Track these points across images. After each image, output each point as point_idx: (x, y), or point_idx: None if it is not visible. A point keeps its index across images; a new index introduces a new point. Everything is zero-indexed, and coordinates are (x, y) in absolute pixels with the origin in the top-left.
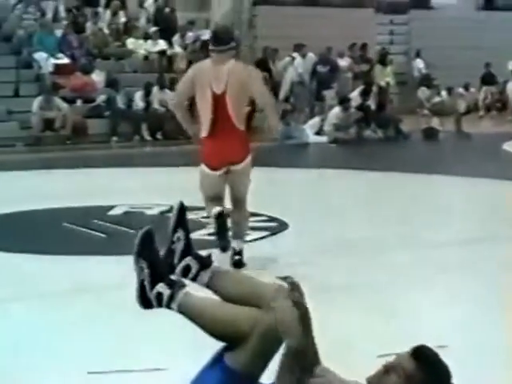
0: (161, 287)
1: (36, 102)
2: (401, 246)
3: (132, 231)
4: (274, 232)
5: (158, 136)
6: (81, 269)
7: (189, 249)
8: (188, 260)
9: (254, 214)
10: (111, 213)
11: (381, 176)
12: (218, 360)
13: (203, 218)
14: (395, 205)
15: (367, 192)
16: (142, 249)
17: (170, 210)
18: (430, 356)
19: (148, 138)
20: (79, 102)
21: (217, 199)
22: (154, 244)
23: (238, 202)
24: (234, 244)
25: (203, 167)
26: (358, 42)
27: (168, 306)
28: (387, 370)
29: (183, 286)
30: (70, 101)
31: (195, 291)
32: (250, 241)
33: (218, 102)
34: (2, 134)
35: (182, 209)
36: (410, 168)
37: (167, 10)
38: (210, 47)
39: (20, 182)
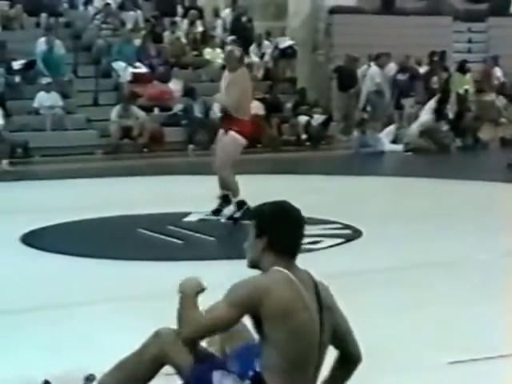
0: None
1: (114, 111)
2: (479, 254)
3: (207, 237)
4: (348, 239)
5: None
6: (155, 274)
7: None
8: None
9: (328, 222)
10: (187, 219)
11: (457, 184)
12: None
13: None
14: (472, 213)
15: (443, 200)
16: None
17: (244, 217)
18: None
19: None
20: (156, 111)
21: None
22: None
23: None
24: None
25: (243, 140)
26: (436, 50)
27: None
28: None
29: None
30: (148, 109)
31: None
32: (325, 248)
33: None
34: (82, 142)
35: None
36: (486, 176)
37: (244, 19)
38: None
39: (98, 189)
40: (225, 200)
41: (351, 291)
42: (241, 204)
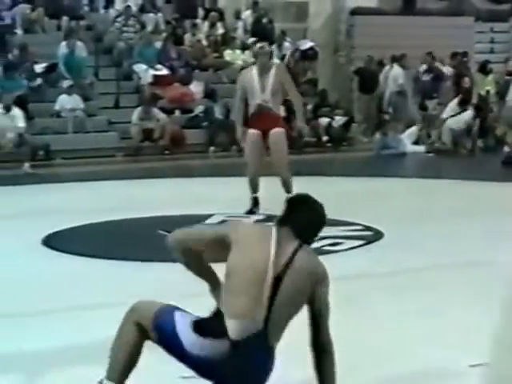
0: None
1: (136, 113)
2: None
3: None
4: (369, 241)
5: None
6: (174, 276)
7: None
8: None
9: (349, 223)
10: (208, 221)
11: (479, 186)
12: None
13: None
14: (494, 215)
15: (465, 202)
16: None
17: (266, 220)
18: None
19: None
20: (177, 113)
21: None
22: None
23: None
24: None
25: None
26: (458, 50)
27: None
28: None
29: None
30: (169, 111)
31: None
32: (345, 249)
33: None
34: (103, 145)
35: None
36: (509, 178)
37: (265, 20)
38: None
39: (119, 191)
40: None
41: (371, 293)
42: None
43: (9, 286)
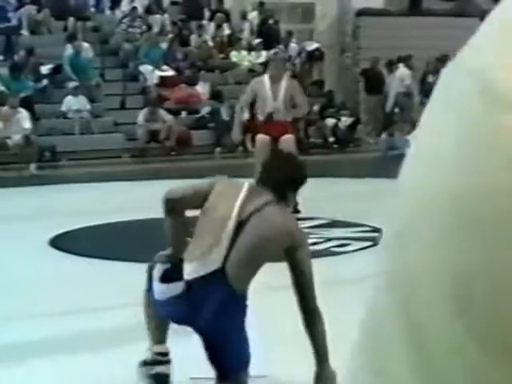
0: None
1: (142, 114)
2: None
3: None
4: (376, 243)
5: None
6: None
7: None
8: None
9: (356, 225)
10: None
11: None
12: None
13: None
14: None
15: None
16: None
17: None
18: None
19: (252, 149)
20: (184, 114)
21: None
22: None
23: None
24: None
25: None
26: None
27: None
28: None
29: None
30: (175, 112)
31: None
32: (352, 251)
33: None
34: (109, 146)
35: None
36: None
37: (271, 21)
38: None
39: (126, 193)
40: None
41: None
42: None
43: (17, 288)
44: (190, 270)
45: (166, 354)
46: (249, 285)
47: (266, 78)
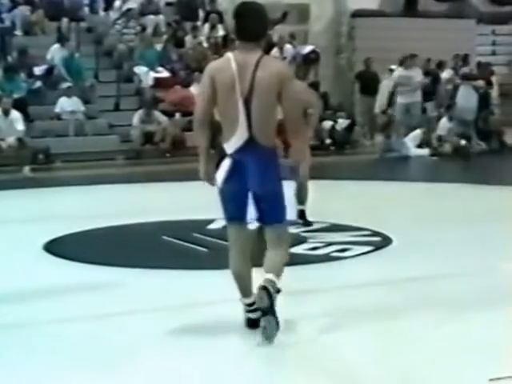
0: None
1: (136, 116)
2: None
3: None
4: (378, 247)
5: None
6: (181, 283)
7: None
8: None
9: (357, 229)
10: (211, 226)
11: (485, 190)
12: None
13: (304, 232)
14: (502, 220)
15: (471, 207)
16: None
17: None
18: None
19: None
20: (178, 116)
21: None
22: None
23: None
24: None
25: None
26: (459, 53)
27: None
28: None
29: None
30: (170, 114)
31: None
32: (354, 256)
33: None
34: (103, 148)
35: None
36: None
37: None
38: None
39: (121, 195)
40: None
41: (383, 302)
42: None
43: (11, 295)
44: (229, 148)
45: (251, 304)
46: (274, 140)
47: None
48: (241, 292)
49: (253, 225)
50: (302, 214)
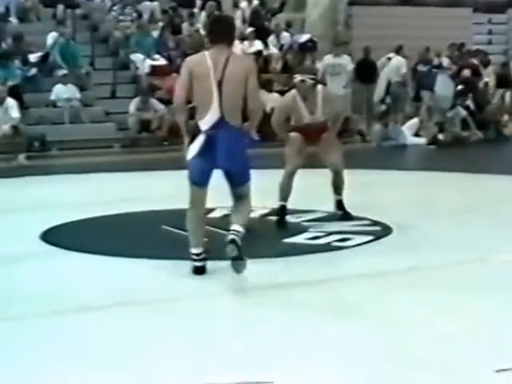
0: None
1: (133, 104)
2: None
3: None
4: (378, 237)
5: (255, 137)
6: (180, 274)
7: None
8: None
9: (357, 218)
10: (211, 215)
11: (483, 178)
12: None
13: (304, 221)
14: (500, 208)
15: (470, 195)
16: None
17: (271, 213)
18: None
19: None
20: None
21: None
22: None
23: None
24: None
25: None
26: (455, 41)
27: None
28: None
29: None
30: (166, 102)
31: None
32: (355, 245)
33: None
34: (100, 135)
35: None
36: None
37: (263, 10)
38: None
39: (118, 184)
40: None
41: (385, 291)
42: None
43: (8, 286)
44: (203, 125)
45: (200, 254)
46: (240, 121)
47: (297, 96)
48: (193, 242)
49: None
50: (339, 205)
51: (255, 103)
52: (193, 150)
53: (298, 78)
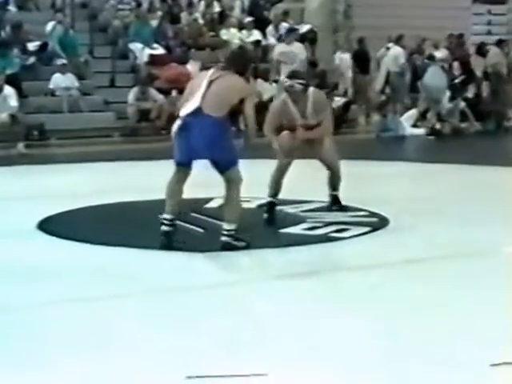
0: None
1: (132, 93)
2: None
3: None
4: (375, 228)
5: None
6: (176, 264)
7: None
8: None
9: (354, 209)
10: (208, 206)
11: (482, 170)
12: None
13: (302, 212)
14: (500, 200)
15: (469, 187)
16: None
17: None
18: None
19: (243, 128)
20: (174, 93)
21: None
22: None
23: None
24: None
25: None
26: (454, 32)
27: None
28: None
29: None
30: (165, 91)
31: None
32: (352, 236)
33: None
34: (99, 124)
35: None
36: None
37: (262, 0)
38: None
39: (117, 173)
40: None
41: (381, 283)
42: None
43: (4, 275)
44: (183, 111)
45: (171, 220)
46: (224, 113)
47: (288, 99)
48: (168, 209)
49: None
50: (335, 200)
51: (251, 124)
52: (173, 131)
53: (287, 82)
